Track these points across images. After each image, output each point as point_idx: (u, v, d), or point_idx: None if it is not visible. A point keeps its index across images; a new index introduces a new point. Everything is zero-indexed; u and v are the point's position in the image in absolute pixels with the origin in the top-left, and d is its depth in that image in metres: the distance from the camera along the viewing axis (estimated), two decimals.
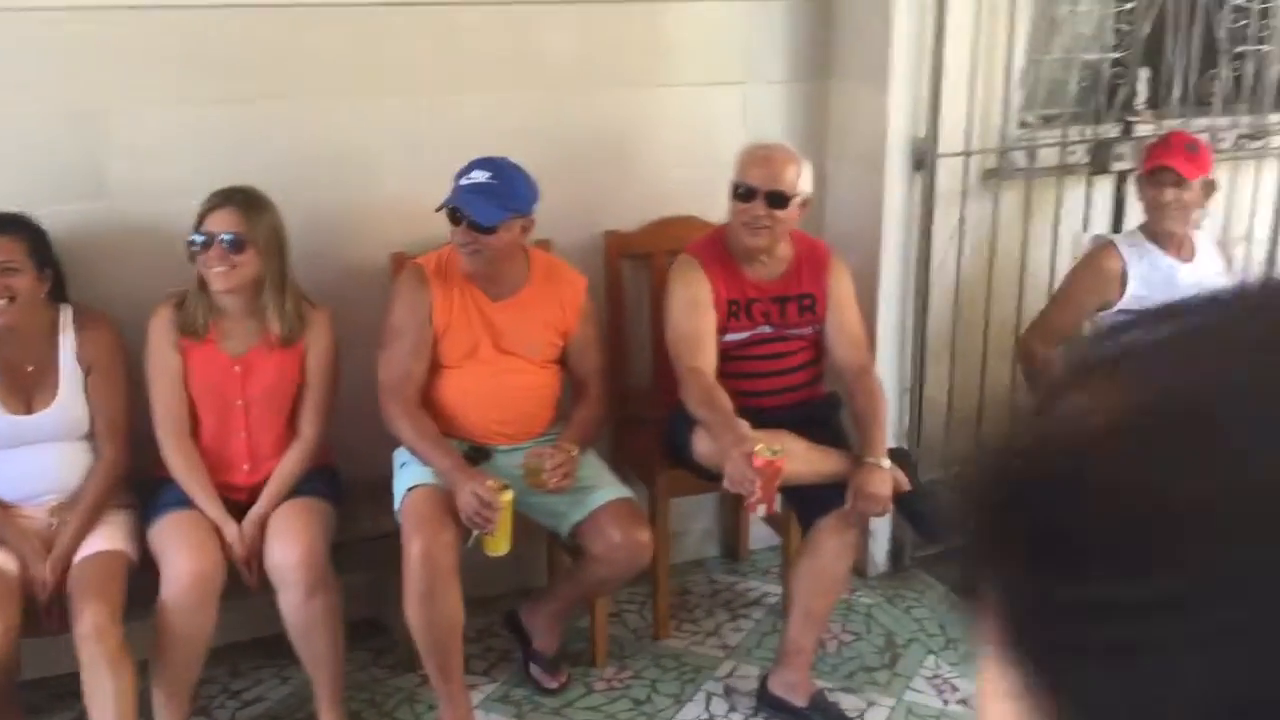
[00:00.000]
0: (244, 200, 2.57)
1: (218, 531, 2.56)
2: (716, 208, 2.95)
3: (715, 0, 3.20)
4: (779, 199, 2.76)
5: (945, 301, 3.38)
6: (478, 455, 2.77)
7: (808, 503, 2.82)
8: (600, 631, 3.04)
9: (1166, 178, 3.02)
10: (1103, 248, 3.16)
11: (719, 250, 2.87)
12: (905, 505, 2.80)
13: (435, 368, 2.77)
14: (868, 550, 3.39)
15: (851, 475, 2.71)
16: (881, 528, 3.39)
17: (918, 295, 3.30)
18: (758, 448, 2.55)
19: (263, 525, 2.61)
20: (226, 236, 2.53)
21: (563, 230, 3.06)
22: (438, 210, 2.65)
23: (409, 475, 2.71)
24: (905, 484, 2.76)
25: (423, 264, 2.77)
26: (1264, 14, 3.57)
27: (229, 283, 2.56)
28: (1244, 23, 3.55)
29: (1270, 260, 3.78)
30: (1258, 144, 3.66)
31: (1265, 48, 3.61)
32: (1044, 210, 3.44)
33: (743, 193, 2.79)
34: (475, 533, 2.61)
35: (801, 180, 2.81)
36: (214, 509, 2.58)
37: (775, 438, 2.65)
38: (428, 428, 2.71)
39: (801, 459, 2.68)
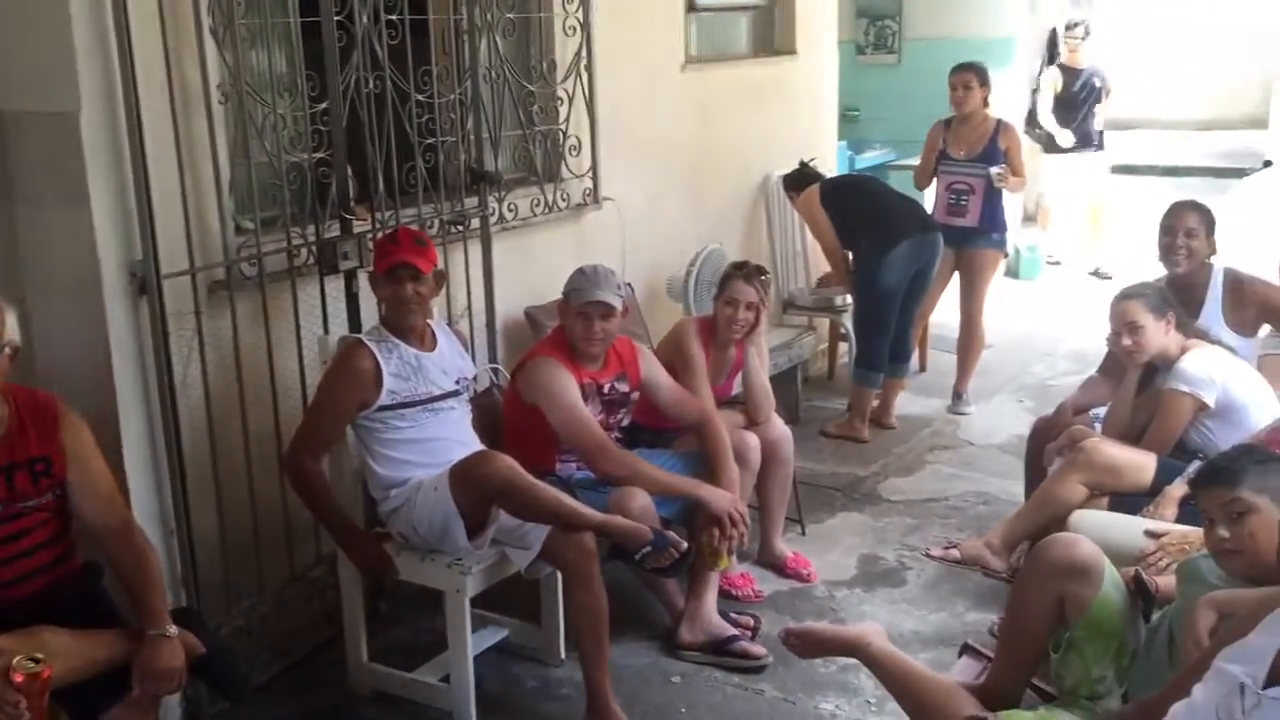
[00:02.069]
0: None
1: None
2: None
3: None
4: None
5: (199, 426, 3.13)
6: None
7: (85, 698, 2.39)
8: None
9: (404, 273, 3.07)
10: (351, 348, 3.12)
11: None
12: (201, 669, 2.51)
13: None
14: None
15: (135, 654, 2.36)
16: (173, 696, 3.02)
17: (166, 427, 3.00)
18: (15, 661, 2.10)
19: None
20: None
21: None
22: None
23: None
24: (198, 647, 2.47)
25: None
26: (443, 108, 3.83)
27: None
28: (429, 118, 3.77)
29: (490, 327, 4.08)
30: (460, 228, 3.92)
31: (449, 139, 3.88)
32: (283, 316, 3.34)
33: None
34: None
35: (6, 327, 2.38)
36: None
37: (31, 640, 2.20)
38: None
39: (71, 655, 2.26)
